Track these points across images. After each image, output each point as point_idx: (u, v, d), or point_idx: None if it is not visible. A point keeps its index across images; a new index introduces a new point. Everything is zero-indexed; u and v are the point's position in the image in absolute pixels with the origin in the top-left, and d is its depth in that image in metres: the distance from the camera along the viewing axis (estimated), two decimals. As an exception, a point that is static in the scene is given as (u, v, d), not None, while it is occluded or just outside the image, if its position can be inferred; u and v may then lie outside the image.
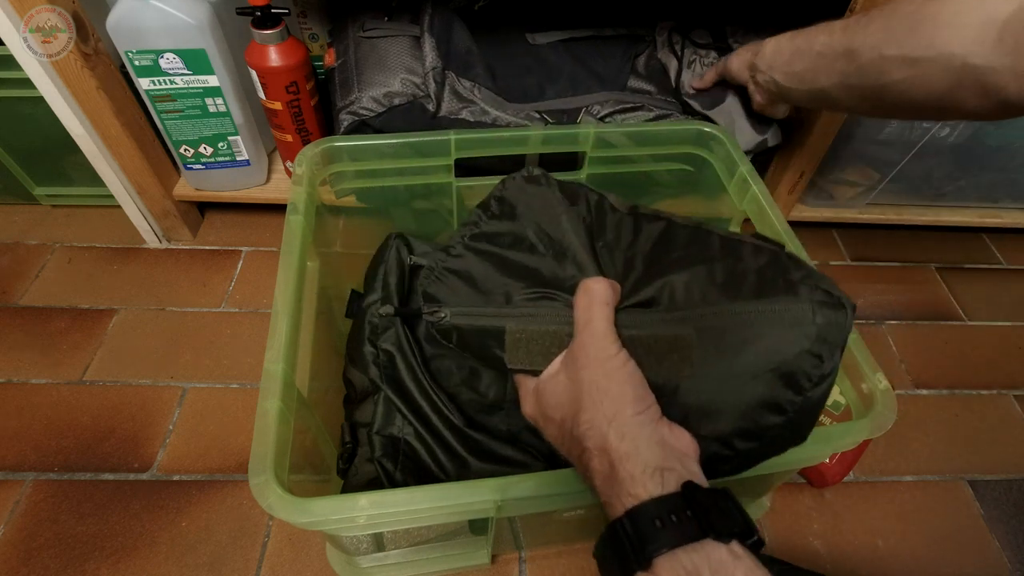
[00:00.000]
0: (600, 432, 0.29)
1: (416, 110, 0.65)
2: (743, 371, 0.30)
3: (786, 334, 0.29)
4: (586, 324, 0.32)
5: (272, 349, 0.40)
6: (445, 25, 0.70)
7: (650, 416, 0.30)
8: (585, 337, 0.32)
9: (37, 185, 0.84)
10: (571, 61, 0.73)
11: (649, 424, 0.29)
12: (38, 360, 0.70)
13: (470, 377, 0.59)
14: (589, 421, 0.30)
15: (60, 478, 0.61)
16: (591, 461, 0.29)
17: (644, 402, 0.30)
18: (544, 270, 0.40)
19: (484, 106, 0.67)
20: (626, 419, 0.29)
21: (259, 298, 0.78)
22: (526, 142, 0.59)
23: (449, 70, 0.68)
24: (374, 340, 0.57)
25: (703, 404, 0.31)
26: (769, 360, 0.29)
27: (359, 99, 0.65)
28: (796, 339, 0.29)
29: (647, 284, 0.35)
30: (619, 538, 0.26)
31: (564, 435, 0.32)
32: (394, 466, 0.51)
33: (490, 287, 0.41)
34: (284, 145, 0.74)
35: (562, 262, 0.40)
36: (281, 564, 0.57)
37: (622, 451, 0.28)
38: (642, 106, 0.68)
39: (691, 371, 0.31)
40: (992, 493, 0.65)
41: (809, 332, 0.29)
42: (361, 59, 0.68)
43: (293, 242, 0.47)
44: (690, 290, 0.33)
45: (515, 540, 0.57)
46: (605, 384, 0.30)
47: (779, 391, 0.30)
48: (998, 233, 0.94)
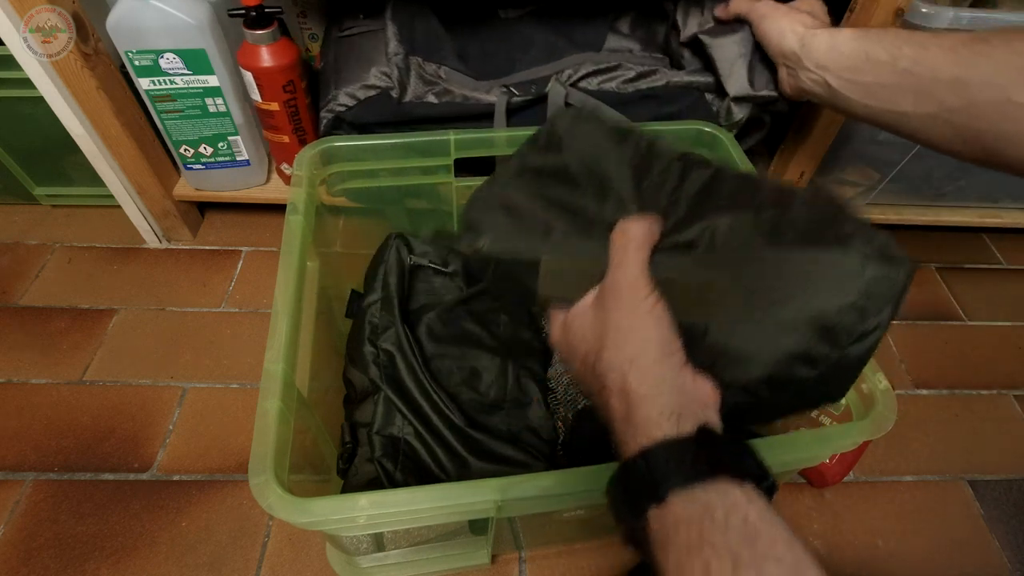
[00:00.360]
0: (620, 373, 0.29)
1: (383, 99, 0.65)
2: (779, 319, 0.29)
3: (829, 284, 0.28)
4: (619, 264, 0.32)
5: (272, 349, 0.40)
6: (409, 11, 0.70)
7: (673, 362, 0.30)
8: (617, 277, 0.32)
9: (37, 185, 0.84)
10: (545, 30, 0.72)
11: (671, 370, 0.29)
12: (38, 360, 0.70)
13: (470, 377, 0.59)
14: (611, 361, 0.30)
15: (60, 478, 0.61)
16: (610, 399, 0.30)
17: (669, 347, 0.30)
18: (586, 206, 0.39)
19: (448, 86, 0.66)
20: (648, 363, 0.29)
21: (259, 298, 0.78)
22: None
23: (414, 55, 0.68)
24: (374, 340, 0.57)
25: (733, 350, 0.30)
26: (808, 310, 0.28)
27: (336, 96, 0.65)
28: (840, 291, 0.28)
29: (688, 226, 0.34)
30: (633, 476, 0.27)
31: (586, 369, 0.32)
32: (394, 466, 0.52)
33: (530, 219, 0.40)
34: (280, 147, 0.74)
35: (604, 200, 0.38)
36: (281, 564, 0.57)
37: (640, 393, 0.28)
38: (619, 66, 0.66)
39: (724, 316, 0.30)
40: (992, 493, 0.65)
41: (856, 285, 0.28)
42: (339, 58, 0.69)
43: (293, 242, 0.47)
44: (732, 234, 0.32)
45: (515, 540, 0.57)
46: (630, 326, 0.30)
47: (814, 344, 0.28)
48: (998, 233, 0.94)
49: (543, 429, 0.58)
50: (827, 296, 0.28)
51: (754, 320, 0.30)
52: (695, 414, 0.28)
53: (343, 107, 0.65)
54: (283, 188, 0.80)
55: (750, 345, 0.30)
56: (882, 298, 0.28)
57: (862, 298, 0.28)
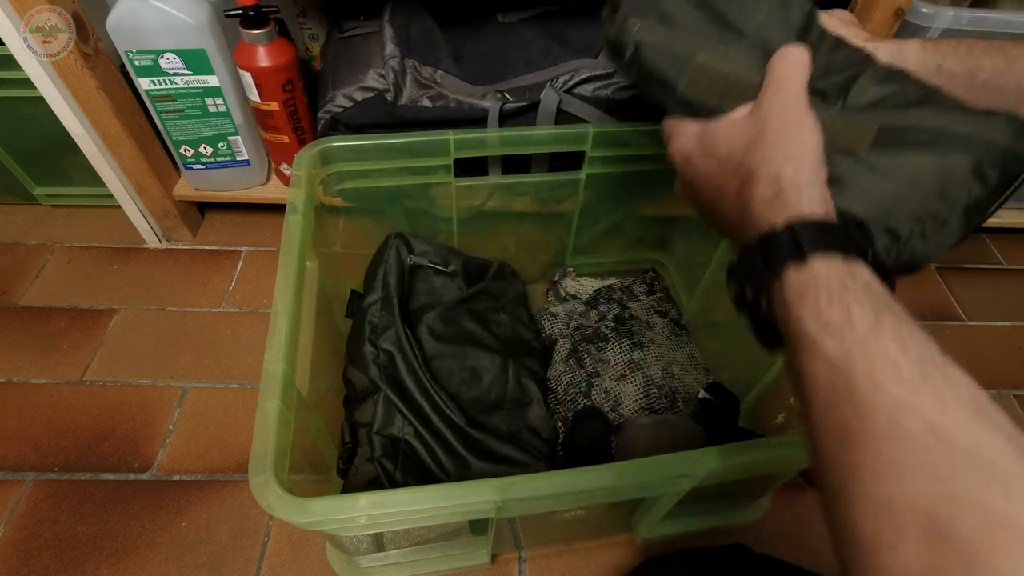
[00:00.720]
0: (777, 164, 0.30)
1: (378, 102, 0.65)
2: (908, 171, 0.31)
3: (967, 144, 0.30)
4: (784, 80, 0.33)
5: (272, 349, 0.40)
6: (406, 14, 0.70)
7: (824, 175, 0.31)
8: (781, 90, 0.33)
9: (37, 185, 0.84)
10: (542, 35, 0.72)
11: (823, 179, 0.30)
12: (38, 360, 0.70)
13: (471, 377, 0.59)
14: (768, 156, 0.30)
15: (60, 478, 0.61)
16: (755, 187, 0.30)
17: (822, 161, 0.31)
18: (742, 23, 0.37)
19: (443, 90, 0.67)
20: (805, 162, 0.30)
21: (259, 298, 0.78)
22: (527, 142, 0.59)
23: (410, 58, 0.68)
24: (374, 340, 0.57)
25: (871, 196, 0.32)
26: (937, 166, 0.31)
27: (333, 98, 0.65)
28: (974, 153, 0.30)
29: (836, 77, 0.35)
30: (775, 240, 0.27)
31: (723, 169, 0.33)
32: (394, 466, 0.52)
33: (684, 22, 0.37)
34: (278, 147, 0.74)
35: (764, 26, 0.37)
36: (281, 564, 0.57)
37: (796, 182, 0.29)
38: (614, 72, 0.67)
39: (856, 163, 0.32)
40: (992, 493, 0.65)
41: (990, 155, 0.30)
42: (338, 59, 0.69)
43: (293, 242, 0.47)
44: (878, 94, 0.34)
45: (515, 540, 0.57)
46: (795, 130, 0.31)
47: (930, 200, 0.31)
48: (998, 233, 0.94)
49: (543, 429, 0.58)
50: (959, 154, 0.30)
51: (893, 167, 0.31)
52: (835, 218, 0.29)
53: (340, 108, 0.65)
54: (283, 188, 0.80)
55: (877, 188, 0.31)
56: (1008, 171, 0.30)
57: (990, 165, 0.30)
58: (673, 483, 0.42)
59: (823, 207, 0.29)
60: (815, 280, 0.25)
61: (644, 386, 0.63)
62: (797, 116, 0.32)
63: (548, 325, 0.70)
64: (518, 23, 0.75)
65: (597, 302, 0.72)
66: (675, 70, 0.36)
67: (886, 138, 0.32)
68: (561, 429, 0.61)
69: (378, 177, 0.58)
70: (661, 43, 0.36)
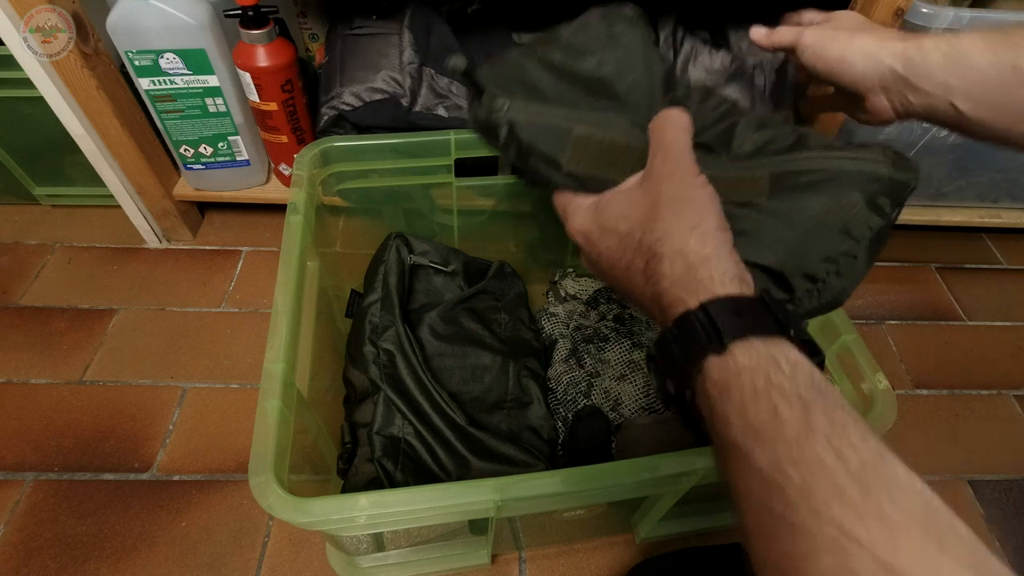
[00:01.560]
0: (680, 237, 0.28)
1: (391, 105, 0.65)
2: (810, 215, 0.31)
3: (855, 180, 0.31)
4: (670, 143, 0.32)
5: (272, 349, 0.40)
6: (425, 22, 0.71)
7: (729, 237, 0.30)
8: (668, 154, 0.32)
9: (37, 185, 0.84)
10: None
11: (729, 242, 0.29)
12: (38, 360, 0.70)
13: (471, 376, 0.59)
14: (667, 228, 0.29)
15: (60, 478, 0.61)
16: (661, 264, 0.28)
17: (724, 223, 0.30)
18: (616, 88, 0.36)
19: (459, 101, 0.67)
20: (710, 228, 0.29)
21: (259, 298, 0.78)
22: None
23: (427, 66, 0.68)
24: (374, 340, 0.57)
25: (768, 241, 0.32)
26: (835, 203, 0.31)
27: (340, 94, 0.65)
28: (864, 188, 0.31)
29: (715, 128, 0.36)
30: (691, 327, 0.26)
31: (626, 246, 0.31)
32: (394, 466, 0.51)
33: (553, 93, 0.36)
34: (277, 147, 0.74)
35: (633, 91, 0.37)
36: (281, 564, 0.57)
37: (703, 254, 0.28)
38: None
39: (757, 214, 0.32)
40: (992, 493, 0.65)
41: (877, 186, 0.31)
42: (346, 55, 0.69)
43: (293, 242, 0.47)
44: (759, 140, 0.34)
45: (515, 540, 0.57)
46: (689, 196, 0.30)
47: (837, 238, 0.32)
48: (998, 233, 0.94)
49: (543, 429, 0.58)
50: (852, 191, 0.31)
51: (786, 214, 0.32)
52: (749, 284, 0.28)
53: (348, 107, 0.65)
54: (283, 188, 0.80)
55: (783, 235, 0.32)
56: (896, 198, 0.32)
57: (881, 196, 0.31)
58: (673, 482, 0.42)
59: (736, 279, 0.27)
60: (738, 374, 0.24)
61: (644, 386, 0.63)
62: (689, 180, 0.30)
63: (548, 325, 0.70)
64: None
65: (597, 302, 0.72)
66: (555, 145, 0.34)
67: (780, 184, 0.32)
68: (561, 429, 0.61)
69: (378, 177, 0.58)
70: (535, 119, 0.35)
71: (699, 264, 0.27)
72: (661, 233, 0.29)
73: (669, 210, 0.29)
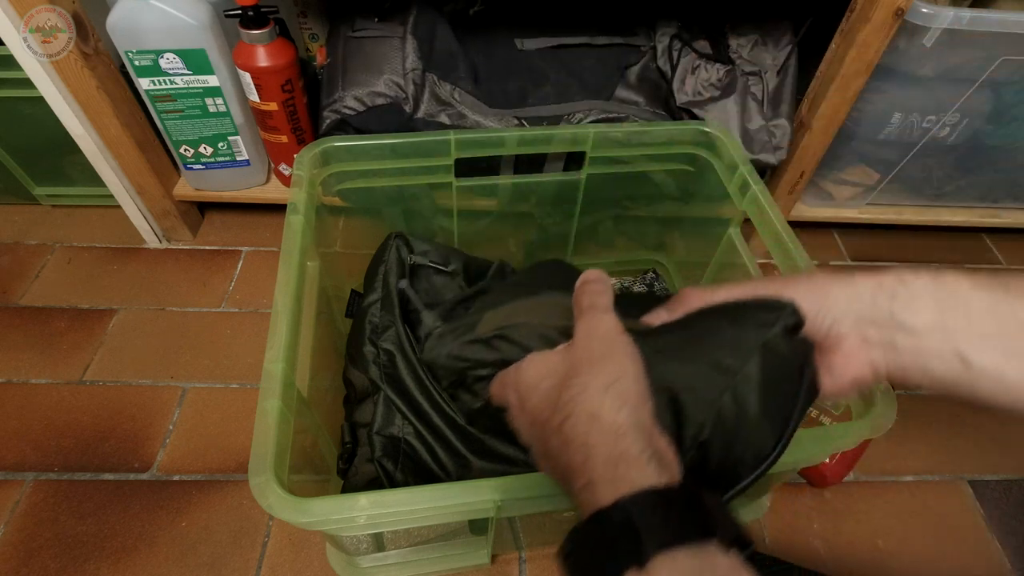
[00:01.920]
0: (595, 396, 0.26)
1: (393, 111, 0.65)
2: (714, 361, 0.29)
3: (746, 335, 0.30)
4: (591, 305, 0.31)
5: (272, 349, 0.40)
6: (429, 27, 0.70)
7: (650, 406, 0.27)
8: (590, 315, 0.31)
9: (37, 185, 0.84)
10: (559, 68, 0.73)
11: (647, 405, 0.27)
12: (38, 360, 0.70)
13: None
14: (583, 384, 0.27)
15: (60, 478, 0.61)
16: (574, 430, 0.26)
17: (644, 385, 0.27)
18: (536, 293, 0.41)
19: (462, 109, 0.67)
20: (627, 386, 0.26)
21: (259, 298, 0.78)
22: (527, 143, 0.59)
23: (430, 72, 0.68)
24: (374, 340, 0.57)
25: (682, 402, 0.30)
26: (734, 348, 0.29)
27: (342, 98, 0.65)
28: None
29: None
30: (606, 530, 0.22)
31: (543, 407, 0.29)
32: (394, 466, 0.51)
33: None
34: (277, 147, 0.74)
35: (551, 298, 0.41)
36: (281, 564, 0.57)
37: (618, 423, 0.25)
38: (626, 117, 0.68)
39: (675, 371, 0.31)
40: (992, 493, 0.65)
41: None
42: (348, 58, 0.68)
43: (293, 242, 0.47)
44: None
45: (515, 540, 0.57)
46: (609, 353, 0.28)
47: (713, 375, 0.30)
48: (998, 233, 0.94)
49: (543, 429, 0.58)
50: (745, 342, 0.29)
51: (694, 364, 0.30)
52: (670, 464, 0.25)
53: (350, 111, 0.65)
54: (283, 188, 0.80)
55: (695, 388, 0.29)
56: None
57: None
58: (673, 483, 0.41)
59: (655, 459, 0.24)
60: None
61: (644, 386, 0.63)
62: (612, 339, 0.29)
63: (548, 325, 0.70)
64: (536, 52, 0.75)
65: (597, 302, 0.72)
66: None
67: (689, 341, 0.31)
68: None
69: (378, 177, 0.58)
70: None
71: (614, 438, 0.24)
72: (576, 391, 0.27)
73: (586, 367, 0.28)
